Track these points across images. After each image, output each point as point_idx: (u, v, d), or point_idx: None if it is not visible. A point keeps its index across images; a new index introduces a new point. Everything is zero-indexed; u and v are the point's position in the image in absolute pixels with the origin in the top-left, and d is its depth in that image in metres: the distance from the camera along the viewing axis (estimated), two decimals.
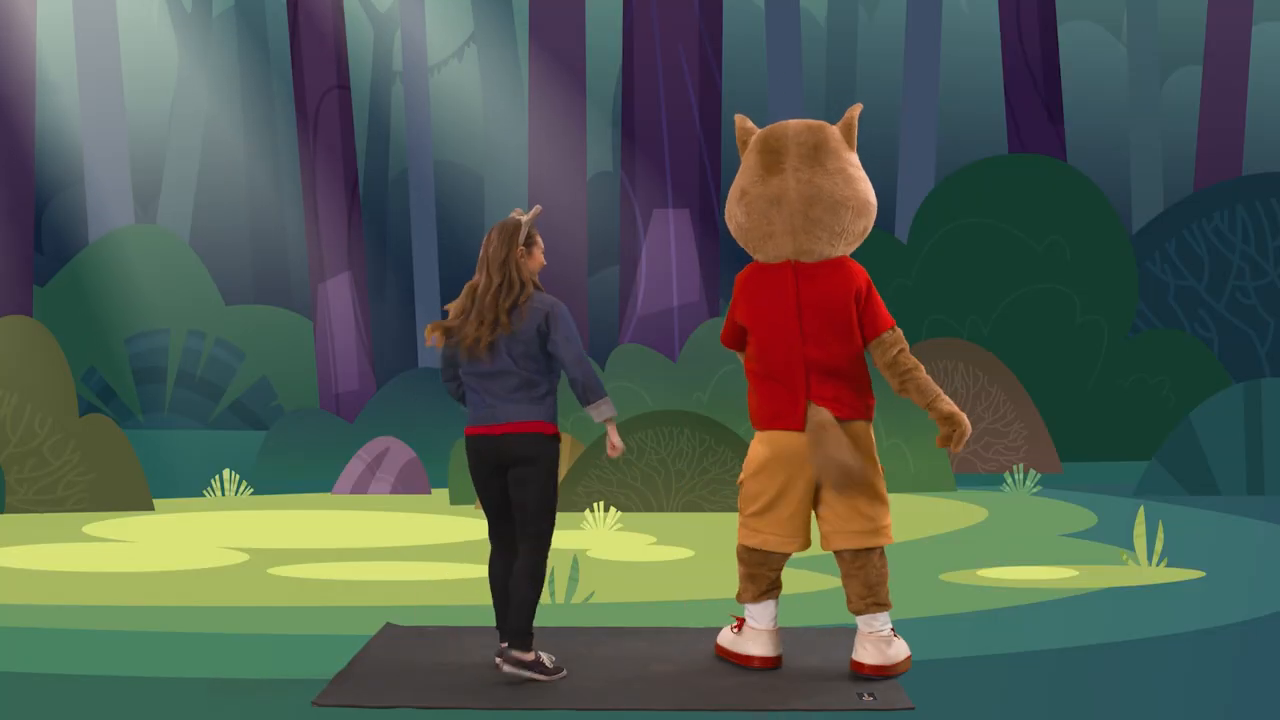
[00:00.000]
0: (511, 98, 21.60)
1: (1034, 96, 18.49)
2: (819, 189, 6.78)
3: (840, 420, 6.72)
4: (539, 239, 6.80)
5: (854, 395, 6.78)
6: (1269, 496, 13.10)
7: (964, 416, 6.79)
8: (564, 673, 6.71)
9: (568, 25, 18.56)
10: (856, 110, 7.03)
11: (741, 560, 7.01)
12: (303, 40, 18.73)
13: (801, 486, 6.80)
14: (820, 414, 6.69)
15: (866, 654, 6.76)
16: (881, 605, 6.78)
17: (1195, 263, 17.06)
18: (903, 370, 6.80)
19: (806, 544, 6.89)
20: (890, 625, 6.84)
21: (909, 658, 6.86)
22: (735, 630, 7.10)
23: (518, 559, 6.66)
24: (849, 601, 6.84)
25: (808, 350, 6.74)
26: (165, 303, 19.68)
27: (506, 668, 6.59)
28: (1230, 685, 6.65)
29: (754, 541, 6.90)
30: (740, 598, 7.05)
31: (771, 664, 6.95)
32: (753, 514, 6.89)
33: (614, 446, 6.80)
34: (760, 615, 6.99)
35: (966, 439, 6.80)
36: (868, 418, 6.83)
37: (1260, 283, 17.01)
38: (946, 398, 6.82)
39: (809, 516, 6.88)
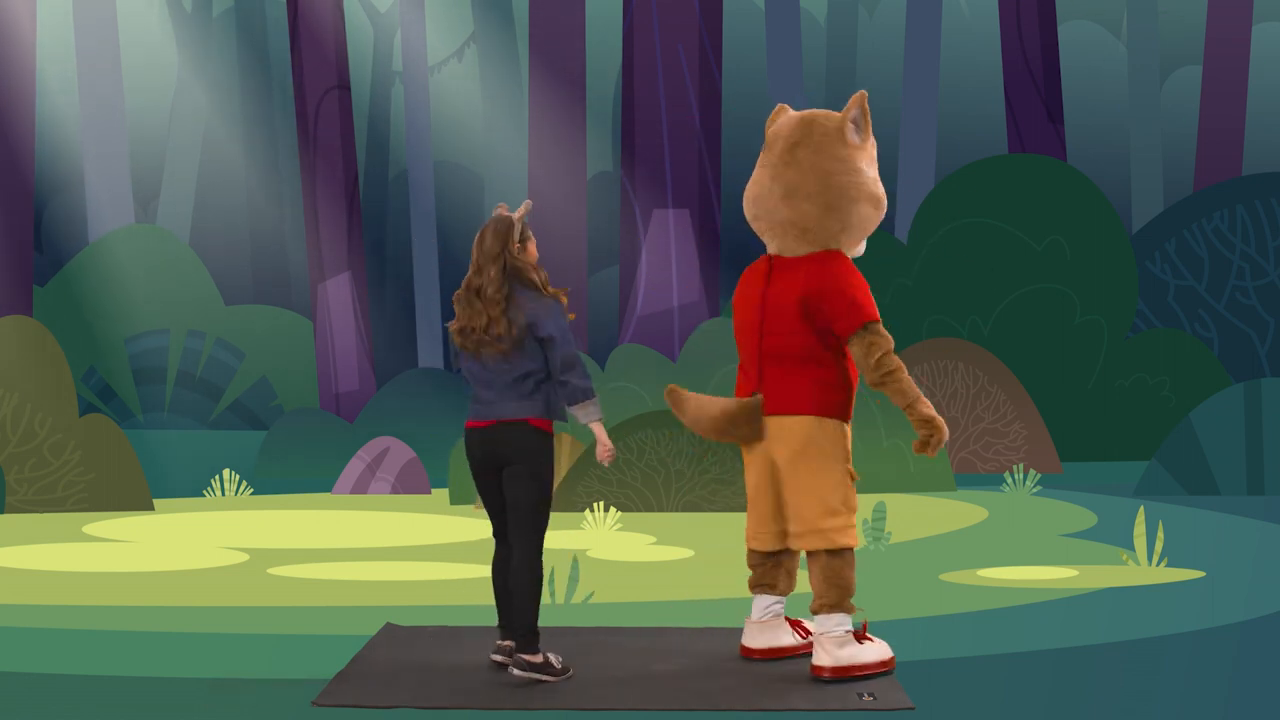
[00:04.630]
0: (511, 98, 21.59)
1: (1034, 96, 18.49)
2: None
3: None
4: (531, 234, 6.81)
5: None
6: (1269, 496, 13.09)
7: (943, 422, 6.63)
8: (571, 673, 6.69)
9: (568, 25, 18.55)
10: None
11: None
12: (302, 40, 18.73)
13: None
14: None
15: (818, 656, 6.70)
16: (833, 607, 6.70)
17: (1195, 263, 17.05)
18: (884, 371, 6.63)
19: None
20: (847, 626, 6.70)
21: (885, 660, 6.75)
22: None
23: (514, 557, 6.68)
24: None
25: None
26: (165, 303, 19.66)
27: (516, 671, 6.58)
28: (1229, 685, 6.64)
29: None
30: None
31: None
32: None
33: (605, 447, 6.70)
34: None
35: (944, 444, 6.72)
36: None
37: (1260, 283, 17.01)
38: (926, 400, 6.66)
39: None
